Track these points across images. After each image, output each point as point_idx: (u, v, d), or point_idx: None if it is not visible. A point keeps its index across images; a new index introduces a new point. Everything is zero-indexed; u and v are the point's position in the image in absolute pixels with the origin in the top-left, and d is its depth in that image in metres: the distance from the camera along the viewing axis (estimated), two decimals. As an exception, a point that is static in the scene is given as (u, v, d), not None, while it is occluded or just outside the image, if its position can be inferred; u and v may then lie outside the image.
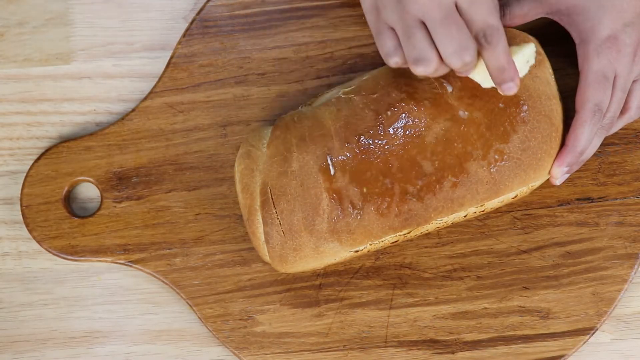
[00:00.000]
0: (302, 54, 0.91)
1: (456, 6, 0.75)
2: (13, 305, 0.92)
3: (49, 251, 0.90)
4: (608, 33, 0.81)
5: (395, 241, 0.84)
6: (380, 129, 0.81)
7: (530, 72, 0.83)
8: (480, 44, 0.76)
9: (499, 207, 0.87)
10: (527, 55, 0.80)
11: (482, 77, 0.79)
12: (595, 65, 0.81)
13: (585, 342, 0.88)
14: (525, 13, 0.84)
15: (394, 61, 0.79)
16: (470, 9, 0.75)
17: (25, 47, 0.94)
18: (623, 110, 0.85)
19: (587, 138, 0.82)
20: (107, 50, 0.94)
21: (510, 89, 0.77)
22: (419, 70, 0.77)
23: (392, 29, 0.78)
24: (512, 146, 0.82)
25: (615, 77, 0.82)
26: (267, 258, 0.84)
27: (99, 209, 0.91)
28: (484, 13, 0.75)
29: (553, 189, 0.89)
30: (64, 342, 0.91)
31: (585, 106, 0.82)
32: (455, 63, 0.76)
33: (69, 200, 0.92)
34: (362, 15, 0.92)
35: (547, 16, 0.84)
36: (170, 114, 0.92)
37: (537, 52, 0.84)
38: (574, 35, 0.83)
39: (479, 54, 0.77)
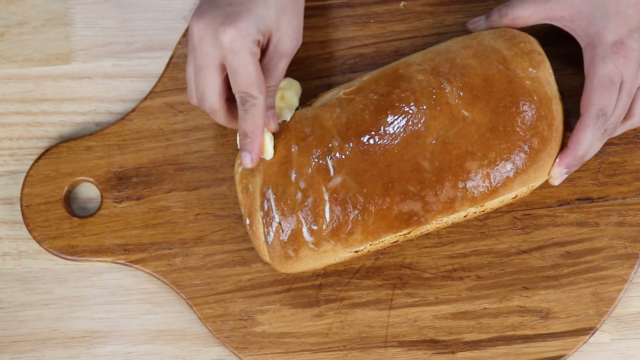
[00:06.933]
0: (302, 54, 0.91)
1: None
2: (13, 305, 0.92)
3: (49, 251, 0.90)
4: (615, 38, 0.81)
5: (395, 241, 0.84)
6: (380, 130, 0.81)
7: (530, 72, 0.82)
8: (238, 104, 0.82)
9: (499, 207, 0.87)
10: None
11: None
12: (601, 70, 0.81)
13: (585, 342, 0.88)
14: (528, 16, 0.84)
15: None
16: (231, 74, 0.80)
17: (25, 47, 0.94)
18: (627, 116, 0.85)
19: (589, 142, 0.82)
20: (107, 50, 0.94)
21: (244, 158, 0.81)
22: None
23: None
24: (512, 146, 0.82)
25: (621, 82, 0.82)
26: (267, 258, 0.84)
27: (99, 209, 0.91)
28: (245, 83, 0.80)
29: (553, 189, 0.89)
30: (64, 342, 0.91)
31: (589, 110, 0.81)
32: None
33: (69, 200, 0.92)
34: (362, 15, 0.92)
35: (549, 22, 0.84)
36: (170, 114, 0.92)
37: (537, 52, 0.84)
38: (580, 39, 0.83)
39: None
